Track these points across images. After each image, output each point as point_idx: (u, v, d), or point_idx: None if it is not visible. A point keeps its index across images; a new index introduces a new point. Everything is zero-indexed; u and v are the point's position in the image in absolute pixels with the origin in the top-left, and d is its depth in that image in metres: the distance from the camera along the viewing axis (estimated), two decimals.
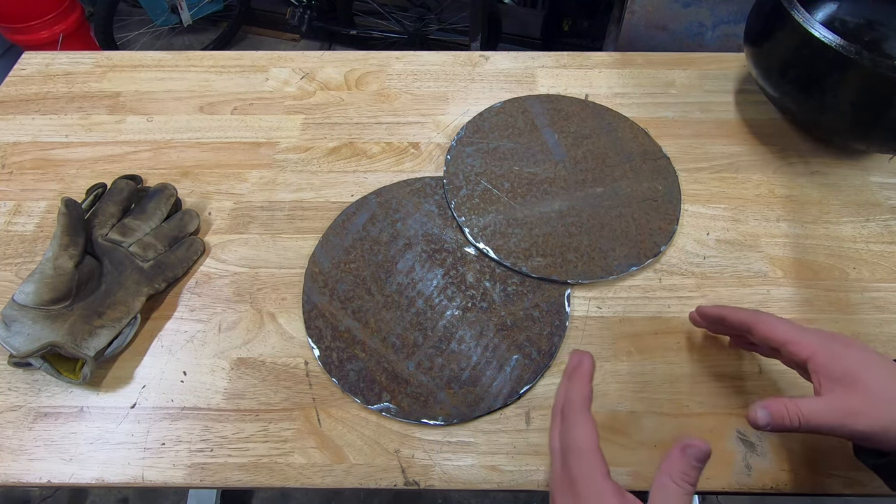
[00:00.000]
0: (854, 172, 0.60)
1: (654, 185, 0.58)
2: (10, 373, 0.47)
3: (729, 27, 0.82)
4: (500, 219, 0.56)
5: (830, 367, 0.34)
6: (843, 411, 0.32)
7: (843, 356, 0.34)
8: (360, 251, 0.54)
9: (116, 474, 0.43)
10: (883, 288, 0.51)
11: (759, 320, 0.38)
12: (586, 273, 0.52)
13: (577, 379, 0.35)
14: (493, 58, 0.72)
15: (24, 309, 0.45)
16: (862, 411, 0.32)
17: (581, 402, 0.33)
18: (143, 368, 0.48)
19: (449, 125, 0.65)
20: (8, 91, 0.68)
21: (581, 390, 0.34)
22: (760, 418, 0.33)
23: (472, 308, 0.50)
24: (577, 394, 0.34)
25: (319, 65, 0.71)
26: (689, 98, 0.67)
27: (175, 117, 0.65)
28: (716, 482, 0.42)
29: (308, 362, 0.48)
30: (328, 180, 0.60)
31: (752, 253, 0.54)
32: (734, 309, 0.41)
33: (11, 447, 0.44)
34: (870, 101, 0.50)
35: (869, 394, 0.32)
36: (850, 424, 0.32)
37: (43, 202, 0.58)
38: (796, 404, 0.33)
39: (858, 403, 0.32)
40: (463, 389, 0.46)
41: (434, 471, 0.43)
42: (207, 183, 0.60)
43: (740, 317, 0.39)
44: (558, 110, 0.65)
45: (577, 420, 0.32)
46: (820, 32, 0.50)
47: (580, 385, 0.34)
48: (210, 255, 0.54)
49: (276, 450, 0.44)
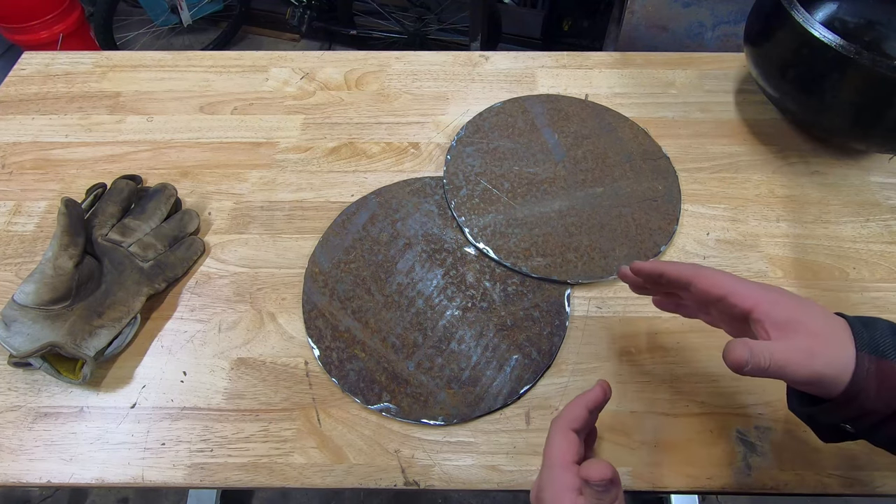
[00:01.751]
0: (854, 172, 0.60)
1: (654, 185, 0.58)
2: (10, 373, 0.47)
3: (729, 27, 0.82)
4: (500, 219, 0.56)
5: (774, 314, 0.34)
6: (803, 351, 0.33)
7: (783, 303, 0.34)
8: (360, 251, 0.54)
9: (116, 474, 0.43)
10: (883, 288, 0.51)
11: (700, 273, 0.38)
12: (586, 273, 0.52)
13: (575, 401, 0.36)
14: (493, 58, 0.72)
15: (23, 309, 0.45)
16: (818, 352, 0.32)
17: (566, 421, 0.35)
18: (143, 368, 0.48)
19: (449, 125, 0.65)
20: (8, 91, 0.68)
21: (572, 411, 0.36)
22: (740, 356, 0.32)
23: (472, 308, 0.50)
24: (566, 412, 0.36)
25: (319, 65, 0.71)
26: (689, 98, 0.67)
27: (175, 117, 0.65)
28: (716, 482, 0.42)
29: (308, 362, 0.48)
30: (328, 180, 0.60)
31: (752, 253, 0.54)
32: (673, 264, 0.40)
33: (11, 447, 0.44)
34: (870, 101, 0.50)
35: (818, 335, 0.33)
36: (810, 364, 0.32)
37: (43, 202, 0.58)
38: (764, 345, 0.33)
39: (812, 344, 0.33)
40: (463, 389, 0.46)
41: (434, 471, 0.43)
42: (207, 183, 0.60)
43: (679, 271, 0.39)
44: (558, 110, 0.65)
45: (555, 436, 0.35)
46: (820, 32, 0.50)
47: (573, 406, 0.36)
48: (210, 255, 0.54)
49: (276, 450, 0.44)
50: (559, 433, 0.35)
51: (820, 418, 0.35)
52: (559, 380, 0.47)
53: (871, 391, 0.32)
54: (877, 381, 0.32)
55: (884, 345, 0.33)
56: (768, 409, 0.45)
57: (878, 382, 0.32)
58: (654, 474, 0.42)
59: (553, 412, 0.45)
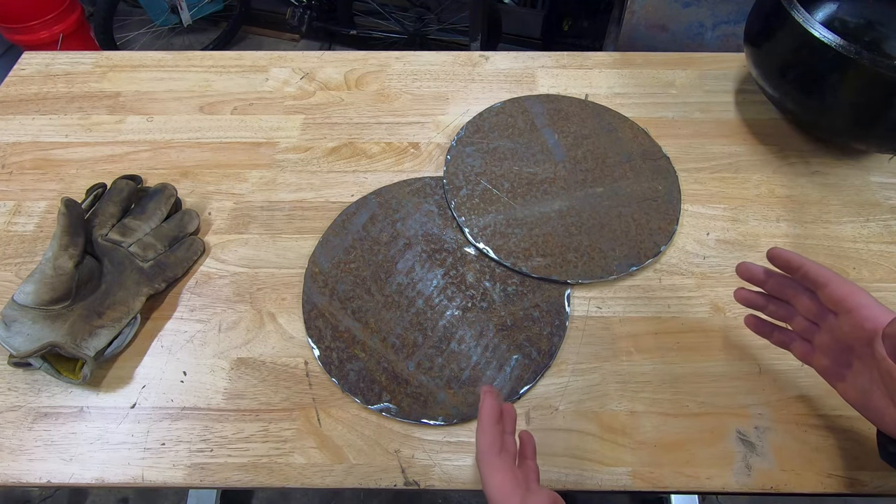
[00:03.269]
0: (854, 172, 0.60)
1: (654, 185, 0.58)
2: (10, 373, 0.47)
3: (729, 27, 0.82)
4: (500, 219, 0.56)
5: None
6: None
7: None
8: (360, 251, 0.54)
9: (116, 474, 0.43)
10: (883, 288, 0.51)
11: (839, 279, 0.37)
12: (586, 273, 0.52)
13: (479, 427, 0.37)
14: (493, 58, 0.72)
15: (24, 309, 0.45)
16: None
17: (483, 451, 0.36)
18: (143, 368, 0.48)
19: (449, 125, 0.65)
20: (8, 91, 0.68)
21: (483, 439, 0.37)
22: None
23: (472, 308, 0.50)
24: (480, 443, 0.37)
25: (319, 65, 0.71)
26: (689, 98, 0.67)
27: (175, 117, 0.65)
28: (716, 482, 0.42)
29: (308, 362, 0.48)
30: (328, 180, 0.60)
31: (752, 253, 0.54)
32: (813, 261, 0.39)
33: (11, 447, 0.44)
34: (870, 101, 0.50)
35: None
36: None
37: (43, 202, 0.58)
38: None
39: None
40: (463, 389, 0.46)
41: (434, 471, 0.43)
42: (207, 183, 0.60)
43: (819, 269, 0.38)
44: (558, 110, 0.65)
45: (483, 470, 0.36)
46: (820, 32, 0.50)
47: (480, 433, 0.37)
48: (210, 255, 0.54)
49: (276, 450, 0.44)
50: (486, 464, 0.36)
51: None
52: (559, 380, 0.47)
53: None
54: None
55: None
56: (768, 409, 0.45)
57: None
58: (654, 474, 0.42)
59: (553, 412, 0.45)
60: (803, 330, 0.40)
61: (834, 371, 0.38)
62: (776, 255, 0.40)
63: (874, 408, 0.36)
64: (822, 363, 0.39)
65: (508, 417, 0.40)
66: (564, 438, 0.44)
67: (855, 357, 0.37)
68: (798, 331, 0.40)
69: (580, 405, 0.45)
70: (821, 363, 0.39)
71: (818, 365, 0.39)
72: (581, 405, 0.45)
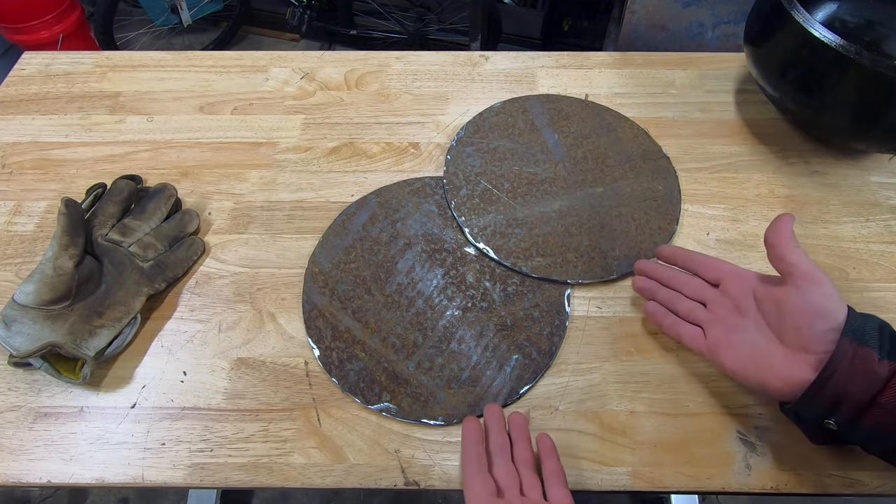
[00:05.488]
0: (854, 172, 0.60)
1: (654, 185, 0.58)
2: (10, 373, 0.47)
3: (729, 27, 0.82)
4: (500, 219, 0.56)
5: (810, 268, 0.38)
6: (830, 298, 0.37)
7: None
8: (360, 251, 0.54)
9: (116, 474, 0.43)
10: (883, 288, 0.51)
11: (708, 260, 0.45)
12: (586, 273, 0.52)
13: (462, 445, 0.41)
14: (493, 58, 0.72)
15: (24, 309, 0.45)
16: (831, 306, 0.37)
17: (465, 467, 0.39)
18: (143, 368, 0.48)
19: (449, 125, 0.65)
20: (8, 91, 0.68)
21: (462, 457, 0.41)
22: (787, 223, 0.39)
23: (472, 308, 0.50)
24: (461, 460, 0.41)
25: (319, 65, 0.71)
26: (689, 98, 0.67)
27: (175, 117, 0.65)
28: (716, 482, 0.42)
29: (308, 362, 0.48)
30: (328, 180, 0.60)
31: (752, 253, 0.54)
32: (691, 252, 0.47)
33: (11, 447, 0.44)
34: (870, 101, 0.50)
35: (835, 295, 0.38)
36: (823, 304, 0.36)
37: (43, 202, 0.58)
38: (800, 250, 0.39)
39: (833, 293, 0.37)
40: (463, 389, 0.46)
41: (434, 471, 0.43)
42: (207, 183, 0.60)
43: (691, 257, 0.46)
44: (558, 110, 0.65)
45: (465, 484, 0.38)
46: (820, 32, 0.50)
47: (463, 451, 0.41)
48: (210, 255, 0.54)
49: (276, 450, 0.44)
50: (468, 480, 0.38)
51: (803, 412, 0.36)
52: (559, 380, 0.47)
53: (845, 373, 0.33)
54: (851, 365, 0.33)
55: (868, 335, 0.34)
56: (768, 409, 0.45)
57: (852, 366, 0.33)
58: (654, 474, 0.42)
59: (553, 412, 0.45)
60: (689, 312, 0.44)
61: (724, 339, 0.41)
62: (660, 253, 0.48)
63: (763, 358, 0.38)
64: (714, 334, 0.42)
65: (515, 426, 0.42)
66: (564, 438, 0.44)
67: (741, 315, 0.41)
68: (684, 314, 0.45)
69: (580, 405, 0.45)
70: (713, 335, 0.42)
71: (710, 338, 0.42)
72: (581, 405, 0.45)
